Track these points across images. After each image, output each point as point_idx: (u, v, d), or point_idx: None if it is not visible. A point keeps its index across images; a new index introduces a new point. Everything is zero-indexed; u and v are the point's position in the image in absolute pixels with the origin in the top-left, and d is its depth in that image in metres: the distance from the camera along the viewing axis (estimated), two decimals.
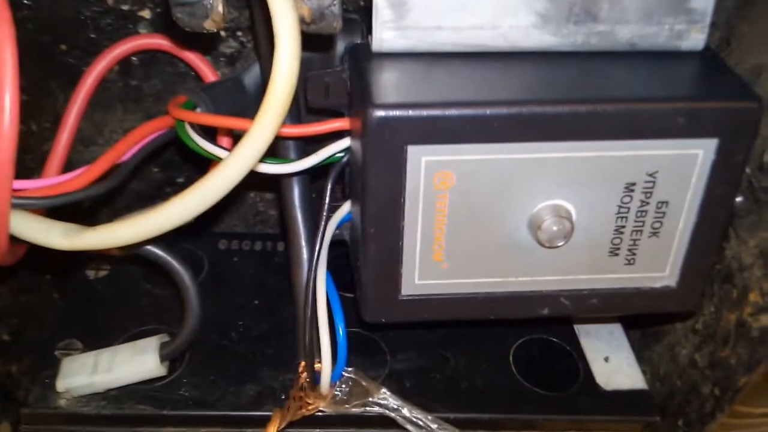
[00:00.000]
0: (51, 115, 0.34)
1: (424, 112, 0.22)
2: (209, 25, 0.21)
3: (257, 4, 0.25)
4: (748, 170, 0.29)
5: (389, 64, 0.24)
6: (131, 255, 0.27)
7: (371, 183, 0.24)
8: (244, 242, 0.36)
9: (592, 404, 0.29)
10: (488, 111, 0.23)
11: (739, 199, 0.30)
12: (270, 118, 0.20)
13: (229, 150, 0.27)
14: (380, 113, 0.22)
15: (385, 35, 0.24)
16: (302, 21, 0.21)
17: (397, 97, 0.23)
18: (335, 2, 0.21)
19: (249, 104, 0.30)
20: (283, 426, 0.25)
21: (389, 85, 0.23)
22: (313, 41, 0.27)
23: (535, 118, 0.23)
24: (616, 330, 0.33)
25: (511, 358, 0.31)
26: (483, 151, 0.23)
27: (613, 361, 0.31)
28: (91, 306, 0.31)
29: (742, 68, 0.29)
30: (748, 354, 0.29)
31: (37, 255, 0.26)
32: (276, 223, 0.39)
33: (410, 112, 0.22)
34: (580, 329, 0.32)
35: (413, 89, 0.23)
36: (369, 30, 0.25)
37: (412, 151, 0.23)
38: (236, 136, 0.29)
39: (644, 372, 0.34)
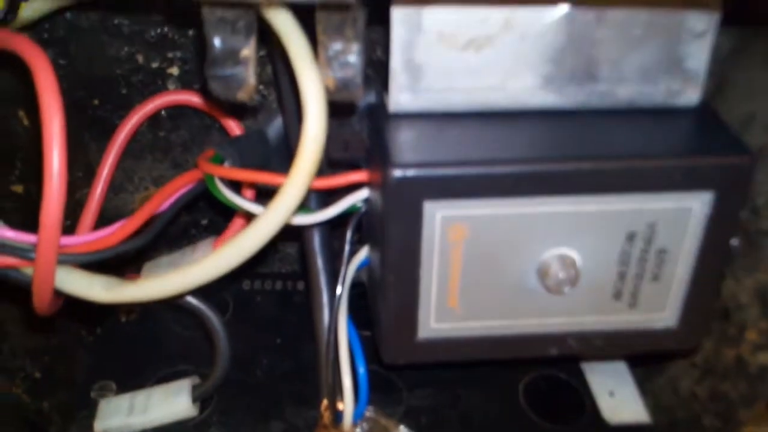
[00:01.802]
0: (83, 165, 0.36)
1: (440, 171, 0.24)
2: (242, 96, 0.23)
3: (284, 71, 0.27)
4: (742, 214, 0.31)
5: (406, 124, 0.26)
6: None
7: (391, 235, 0.25)
8: (266, 282, 0.38)
9: None
10: (499, 169, 0.25)
11: (734, 241, 0.31)
12: (301, 178, 0.22)
13: (254, 201, 0.29)
14: (399, 173, 0.24)
15: (401, 98, 0.26)
16: (327, 90, 0.23)
17: (415, 157, 0.25)
18: (358, 74, 0.23)
19: (272, 155, 0.33)
20: None
21: (406, 145, 0.25)
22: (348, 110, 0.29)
23: (541, 174, 0.25)
24: (621, 366, 0.34)
25: (520, 394, 0.32)
26: (494, 206, 0.25)
27: (617, 396, 0.32)
28: (124, 348, 0.33)
29: (734, 115, 0.31)
30: (748, 390, 0.30)
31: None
32: (294, 261, 0.41)
33: (427, 171, 0.24)
34: (586, 365, 0.34)
35: (429, 149, 0.25)
36: (384, 86, 0.27)
37: (429, 206, 0.25)
38: (258, 187, 0.31)
39: (646, 403, 0.36)
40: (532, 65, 0.26)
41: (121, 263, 0.28)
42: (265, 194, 0.29)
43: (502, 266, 0.27)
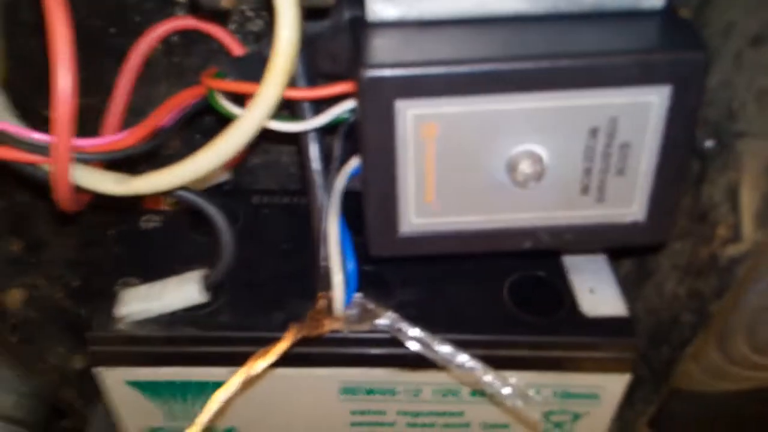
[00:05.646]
0: (107, 91, 0.39)
1: (409, 71, 0.26)
2: (226, 3, 0.25)
3: None
4: (715, 117, 0.32)
5: (381, 31, 0.28)
6: (179, 207, 0.32)
7: (367, 134, 0.28)
8: (274, 197, 0.41)
9: (575, 328, 0.33)
10: (463, 68, 0.26)
11: (709, 143, 0.33)
12: (274, 79, 0.25)
13: None
14: (371, 72, 0.26)
15: (377, 7, 0.28)
16: None
17: (385, 58, 0.27)
18: None
19: None
20: (298, 337, 0.30)
21: (379, 49, 0.27)
22: (323, 14, 0.32)
23: (504, 72, 0.26)
24: (602, 262, 0.36)
25: (504, 291, 0.35)
26: (461, 104, 0.27)
27: (598, 292, 0.34)
28: (146, 251, 0.37)
29: (716, 24, 0.32)
30: (718, 282, 0.32)
31: (101, 209, 0.31)
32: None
33: (396, 71, 0.26)
34: (568, 263, 0.36)
35: (400, 51, 0.27)
36: None
37: (400, 105, 0.27)
38: None
39: (638, 306, 0.38)
40: None
41: (132, 164, 0.31)
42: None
43: (474, 162, 0.29)
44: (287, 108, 0.33)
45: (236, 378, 0.27)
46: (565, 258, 0.36)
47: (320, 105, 0.33)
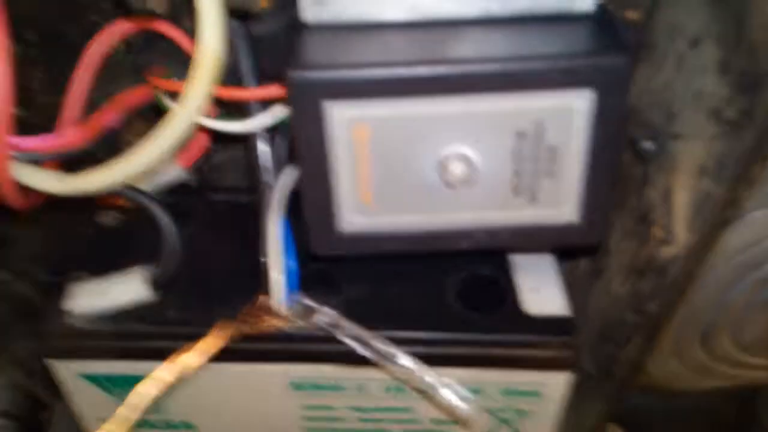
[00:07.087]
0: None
1: (337, 72, 0.27)
2: (151, 5, 0.26)
3: None
4: (656, 118, 0.32)
5: (315, 33, 0.29)
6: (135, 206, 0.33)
7: (300, 136, 0.28)
8: (237, 195, 0.41)
9: (516, 326, 0.33)
10: (392, 70, 0.27)
11: (648, 145, 0.33)
12: (199, 79, 0.26)
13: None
14: (299, 74, 0.27)
15: (310, 11, 0.29)
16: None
17: (314, 59, 0.27)
18: None
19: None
20: (230, 334, 0.31)
21: (308, 50, 0.28)
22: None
23: (431, 75, 0.27)
24: (548, 262, 0.36)
25: (449, 289, 0.35)
26: (391, 106, 0.28)
27: (541, 292, 0.35)
28: (104, 247, 0.38)
29: (662, 26, 0.32)
30: (654, 283, 0.32)
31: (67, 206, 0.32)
32: None
33: (324, 72, 0.27)
34: (514, 262, 0.36)
35: (329, 53, 0.28)
36: None
37: (329, 106, 0.27)
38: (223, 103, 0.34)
39: (589, 305, 0.38)
40: None
41: (77, 162, 0.32)
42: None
43: (406, 164, 0.29)
44: (238, 109, 0.34)
45: (159, 372, 0.28)
46: (512, 257, 0.37)
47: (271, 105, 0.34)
